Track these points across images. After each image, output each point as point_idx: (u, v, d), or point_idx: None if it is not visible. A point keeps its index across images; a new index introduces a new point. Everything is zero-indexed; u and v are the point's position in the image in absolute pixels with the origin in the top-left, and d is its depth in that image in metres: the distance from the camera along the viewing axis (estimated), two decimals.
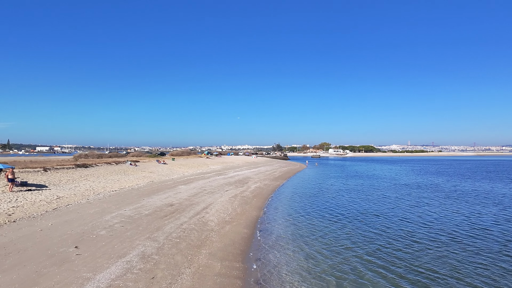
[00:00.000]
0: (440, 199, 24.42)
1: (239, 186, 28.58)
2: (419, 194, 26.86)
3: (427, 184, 35.11)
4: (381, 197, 25.44)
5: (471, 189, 30.25)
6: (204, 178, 31.17)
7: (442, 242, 13.18)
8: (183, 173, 33.56)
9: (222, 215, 16.56)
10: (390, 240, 13.45)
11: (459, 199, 24.20)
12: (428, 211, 19.58)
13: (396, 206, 21.23)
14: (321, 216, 18.08)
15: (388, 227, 15.67)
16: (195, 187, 24.81)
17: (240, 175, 37.94)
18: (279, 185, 32.98)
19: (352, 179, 41.54)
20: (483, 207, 20.92)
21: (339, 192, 28.43)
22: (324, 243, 12.89)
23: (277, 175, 43.49)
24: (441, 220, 17.25)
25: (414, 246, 12.55)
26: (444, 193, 27.76)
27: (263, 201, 22.50)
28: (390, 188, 31.52)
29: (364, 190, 29.58)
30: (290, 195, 26.34)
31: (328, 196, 25.65)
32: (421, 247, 12.49)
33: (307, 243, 12.83)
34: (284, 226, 15.60)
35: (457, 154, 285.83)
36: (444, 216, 18.30)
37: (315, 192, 28.39)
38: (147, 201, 17.96)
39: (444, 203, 22.44)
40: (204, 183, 27.92)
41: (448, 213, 19.12)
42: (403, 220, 17.21)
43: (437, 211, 19.56)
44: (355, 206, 21.17)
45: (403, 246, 12.61)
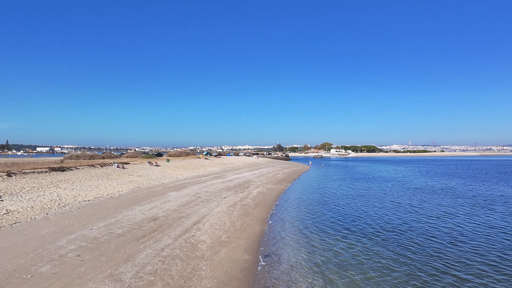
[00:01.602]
0: (463, 207, 21.03)
1: (239, 192, 25.23)
2: (437, 201, 23.48)
3: (441, 188, 31.69)
4: (395, 204, 22.07)
5: (493, 195, 26.85)
6: (200, 183, 27.80)
7: (486, 272, 9.80)
8: (176, 176, 30.18)
9: (218, 232, 13.21)
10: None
11: (486, 208, 20.83)
12: (455, 225, 16.19)
13: (415, 217, 17.86)
14: (335, 232, 14.70)
15: (421, 247, 12.30)
16: (188, 194, 21.44)
17: (240, 178, 34.58)
18: (284, 190, 29.64)
19: (358, 182, 38.14)
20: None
21: (349, 198, 25.06)
22: (344, 269, 9.55)
23: (280, 178, 40.13)
24: (474, 236, 13.89)
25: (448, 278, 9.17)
26: (465, 199, 24.39)
27: (267, 211, 19.15)
28: (401, 193, 28.12)
29: (375, 196, 26.20)
30: (297, 202, 22.98)
31: (338, 204, 22.29)
32: (458, 279, 9.13)
33: (325, 275, 9.50)
34: (294, 248, 12.23)
35: (459, 154, 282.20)
36: (476, 231, 14.94)
37: (323, 198, 25.02)
38: (125, 214, 14.59)
39: (470, 213, 19.08)
40: (199, 188, 24.55)
41: (480, 227, 15.73)
42: (428, 237, 13.83)
43: (465, 224, 16.19)
44: (372, 218, 17.80)
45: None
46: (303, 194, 27.35)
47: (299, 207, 21.01)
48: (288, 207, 20.83)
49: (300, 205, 21.76)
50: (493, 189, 30.60)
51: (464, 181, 39.01)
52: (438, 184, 35.32)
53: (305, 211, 19.72)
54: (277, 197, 24.88)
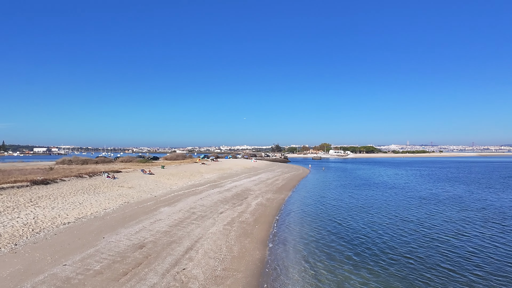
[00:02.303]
0: (475, 223, 19.48)
1: (237, 204, 23.61)
2: (446, 215, 21.95)
3: (447, 197, 30.10)
4: (402, 220, 20.49)
5: (503, 206, 25.36)
6: (195, 194, 26.15)
7: None
8: (170, 186, 28.49)
9: (212, 262, 11.59)
10: None
11: (499, 224, 19.35)
12: (472, 247, 14.65)
13: (428, 238, 16.29)
14: (342, 260, 13.11)
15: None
16: (181, 209, 19.79)
17: (238, 187, 32.94)
18: (284, 200, 28.04)
19: (360, 189, 36.52)
20: None
21: (352, 211, 23.50)
22: None
23: (280, 185, 38.53)
24: (496, 263, 12.34)
25: None
26: (474, 212, 22.90)
27: (267, 229, 17.56)
28: (406, 204, 26.56)
29: (379, 208, 24.64)
30: (299, 217, 21.38)
31: (342, 220, 20.70)
32: None
33: None
34: (300, 285, 10.64)
35: (457, 155, 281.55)
36: (496, 254, 13.40)
37: (326, 211, 23.44)
38: (108, 240, 12.94)
39: (484, 231, 17.56)
40: (194, 201, 22.91)
41: (499, 249, 14.21)
42: (447, 267, 12.26)
43: (482, 246, 14.66)
44: (381, 238, 16.24)
45: None
46: (304, 205, 25.75)
47: (301, 223, 19.40)
48: (290, 224, 19.22)
49: (302, 221, 20.16)
50: (500, 198, 29.12)
51: (469, 188, 37.52)
52: (442, 192, 33.79)
53: (308, 228, 18.13)
54: (278, 210, 23.29)
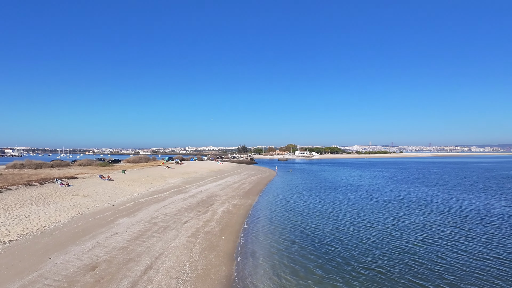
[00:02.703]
0: (440, 228, 20.06)
1: (202, 212, 22.57)
2: (411, 220, 22.38)
3: (410, 199, 31.00)
4: (367, 226, 20.60)
5: (464, 208, 26.43)
6: (158, 201, 24.75)
7: None
8: (130, 194, 26.80)
9: (174, 284, 10.61)
10: None
11: (463, 228, 19.96)
12: (438, 255, 14.85)
13: (393, 245, 16.34)
14: (308, 272, 12.66)
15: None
16: (142, 220, 18.46)
17: (204, 192, 31.81)
18: (251, 205, 27.36)
19: (326, 193, 36.75)
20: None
21: (318, 217, 23.34)
22: None
23: (247, 189, 37.81)
24: (462, 272, 12.45)
25: None
26: (438, 215, 23.64)
27: (234, 239, 16.75)
28: (372, 207, 26.96)
29: (345, 212, 24.76)
30: (267, 225, 20.79)
31: (307, 227, 20.44)
32: None
33: None
34: None
35: (416, 155, 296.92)
36: (463, 262, 13.61)
37: (292, 218, 23.06)
38: (56, 261, 11.52)
39: (449, 236, 18.00)
40: (156, 209, 21.57)
41: (466, 257, 14.47)
42: (413, 276, 12.20)
43: (449, 254, 14.92)
44: (346, 247, 16.07)
45: None
46: (272, 211, 25.22)
47: (269, 232, 18.80)
48: (257, 233, 18.54)
49: (269, 229, 19.57)
50: (460, 201, 30.37)
51: (430, 190, 38.99)
52: (405, 194, 34.77)
53: (276, 238, 17.55)
54: (245, 217, 22.54)
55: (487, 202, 28.97)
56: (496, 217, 22.80)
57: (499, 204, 28.11)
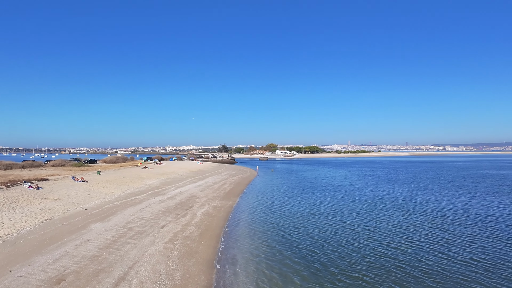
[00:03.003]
0: (419, 229, 20.23)
1: (180, 215, 21.74)
2: (391, 220, 22.52)
3: (390, 200, 31.31)
4: (348, 228, 20.46)
5: (443, 208, 26.86)
6: (134, 204, 23.70)
7: None
8: (105, 196, 25.57)
9: None
10: None
11: (442, 229, 20.15)
12: (419, 259, 14.79)
13: (374, 248, 16.17)
14: (291, 282, 12.21)
15: None
16: (116, 225, 17.47)
17: (183, 194, 30.88)
18: (232, 207, 26.73)
19: (306, 193, 36.65)
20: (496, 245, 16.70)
21: (299, 219, 23.09)
22: None
23: (227, 190, 37.11)
24: (442, 276, 12.34)
25: None
26: (418, 216, 23.88)
27: (214, 245, 16.10)
28: (352, 208, 26.99)
29: (326, 214, 24.64)
30: (248, 228, 20.27)
31: (287, 230, 20.08)
32: None
33: None
34: None
35: (394, 154, 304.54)
36: (442, 265, 13.54)
37: (273, 220, 22.67)
38: (17, 274, 10.51)
39: (429, 238, 18.07)
40: (132, 213, 20.58)
41: (444, 259, 14.44)
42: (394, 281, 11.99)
43: (428, 256, 14.86)
44: (326, 252, 15.78)
45: None
46: (253, 213, 24.71)
47: (250, 236, 18.27)
48: (238, 237, 17.96)
49: (251, 233, 19.04)
50: (440, 200, 30.83)
51: (409, 189, 39.56)
52: (385, 194, 35.06)
53: (257, 243, 17.04)
54: (225, 220, 21.90)
55: (465, 202, 29.52)
56: (474, 217, 23.14)
57: (477, 204, 28.68)
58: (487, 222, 21.50)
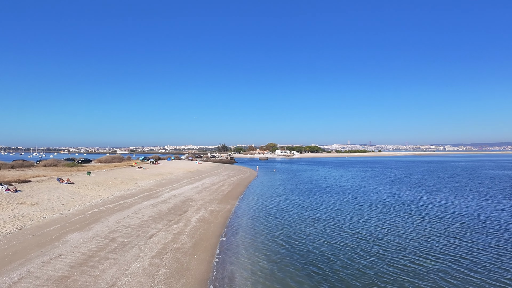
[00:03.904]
0: (436, 238, 18.05)
1: (173, 221, 19.56)
2: (403, 228, 20.38)
3: (397, 203, 29.20)
4: (355, 237, 18.31)
5: (456, 213, 24.73)
6: (123, 209, 21.52)
7: None
8: (91, 200, 23.35)
9: None
10: None
11: (461, 238, 17.93)
12: (445, 275, 12.56)
13: (387, 263, 13.98)
14: None
15: None
16: (97, 235, 15.28)
17: (177, 196, 28.69)
18: (231, 211, 24.59)
19: (309, 196, 34.53)
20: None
21: (301, 225, 20.98)
22: None
23: (226, 192, 34.93)
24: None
25: None
26: (432, 223, 21.72)
27: (209, 259, 13.94)
28: (357, 213, 24.92)
29: (330, 220, 22.49)
30: (248, 237, 18.13)
31: (290, 240, 17.93)
32: None
33: None
34: None
35: (394, 154, 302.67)
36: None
37: (276, 227, 20.59)
38: None
39: (448, 249, 15.86)
40: (118, 220, 18.39)
41: (474, 277, 12.24)
42: None
43: (456, 270, 12.62)
44: (333, 268, 13.56)
45: None
46: (252, 219, 22.61)
47: (250, 248, 16.11)
48: (237, 249, 15.80)
49: (251, 243, 16.90)
50: (451, 203, 28.87)
51: (416, 191, 37.49)
52: (391, 197, 32.94)
53: (256, 257, 14.87)
54: (223, 227, 19.74)
55: (479, 206, 27.41)
56: (495, 224, 21.05)
57: (492, 208, 26.57)
58: (511, 230, 19.38)
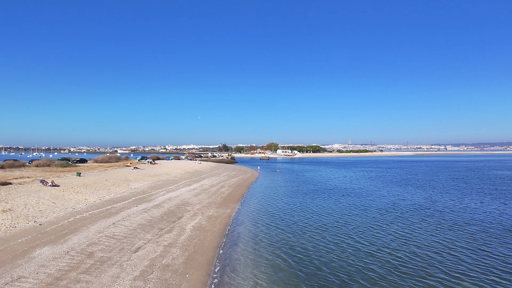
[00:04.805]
0: (463, 251, 15.58)
1: (165, 230, 17.22)
2: (420, 236, 18.00)
3: (409, 207, 26.79)
4: (365, 251, 15.93)
5: (482, 219, 22.35)
6: (109, 215, 19.20)
7: None
8: (75, 205, 21.02)
9: None
10: None
11: (499, 250, 15.51)
12: None
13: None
14: None
15: None
16: (72, 249, 12.96)
17: (173, 200, 26.36)
18: (231, 217, 22.30)
19: (313, 198, 32.20)
20: None
21: (305, 233, 18.56)
22: None
23: (225, 194, 32.60)
24: None
25: None
26: (455, 231, 19.33)
27: (204, 279, 11.65)
28: (365, 220, 22.45)
29: (336, 228, 20.07)
30: (248, 247, 15.72)
31: (298, 252, 15.55)
32: None
33: None
34: None
35: (396, 154, 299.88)
36: None
37: (279, 236, 18.18)
38: None
39: (486, 260, 13.45)
40: (100, 229, 16.05)
41: None
42: None
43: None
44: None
45: None
46: (253, 226, 20.29)
47: (250, 263, 13.73)
48: (235, 265, 13.44)
49: (251, 258, 14.52)
50: (467, 207, 26.61)
51: (426, 193, 35.12)
52: (401, 200, 30.59)
53: (258, 276, 12.50)
54: (221, 236, 17.43)
55: (500, 211, 24.99)
56: None
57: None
58: None
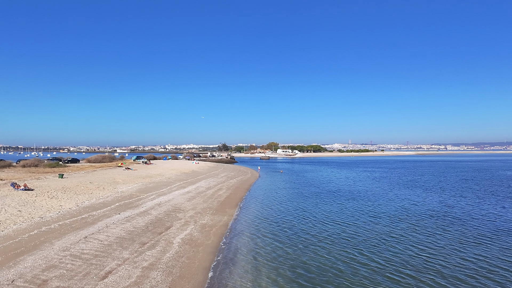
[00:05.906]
0: (497, 272, 12.71)
1: (147, 245, 14.33)
2: (446, 252, 15.13)
3: (422, 213, 24.23)
4: (389, 272, 13.07)
5: (507, 227, 19.44)
6: (83, 226, 16.31)
7: None
8: (45, 213, 18.09)
9: None
10: None
11: None
12: None
13: None
14: None
15: None
16: (20, 276, 10.08)
17: (163, 205, 23.49)
18: (227, 226, 19.42)
19: (318, 203, 29.28)
20: None
21: (308, 248, 15.64)
22: None
23: (223, 198, 29.70)
24: None
25: None
26: (478, 240, 16.51)
27: None
28: (375, 229, 19.67)
29: (343, 237, 17.33)
30: (246, 266, 12.81)
31: (303, 273, 12.62)
32: None
33: None
34: None
35: (397, 153, 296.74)
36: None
37: (282, 250, 15.26)
38: None
39: None
40: (67, 246, 13.17)
41: None
42: None
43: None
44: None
45: None
46: (253, 237, 17.41)
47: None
48: None
49: (248, 285, 11.61)
50: (490, 213, 23.89)
51: (438, 196, 32.32)
52: (412, 204, 27.85)
53: None
54: (215, 252, 14.55)
55: None
56: None
57: None
58: None
